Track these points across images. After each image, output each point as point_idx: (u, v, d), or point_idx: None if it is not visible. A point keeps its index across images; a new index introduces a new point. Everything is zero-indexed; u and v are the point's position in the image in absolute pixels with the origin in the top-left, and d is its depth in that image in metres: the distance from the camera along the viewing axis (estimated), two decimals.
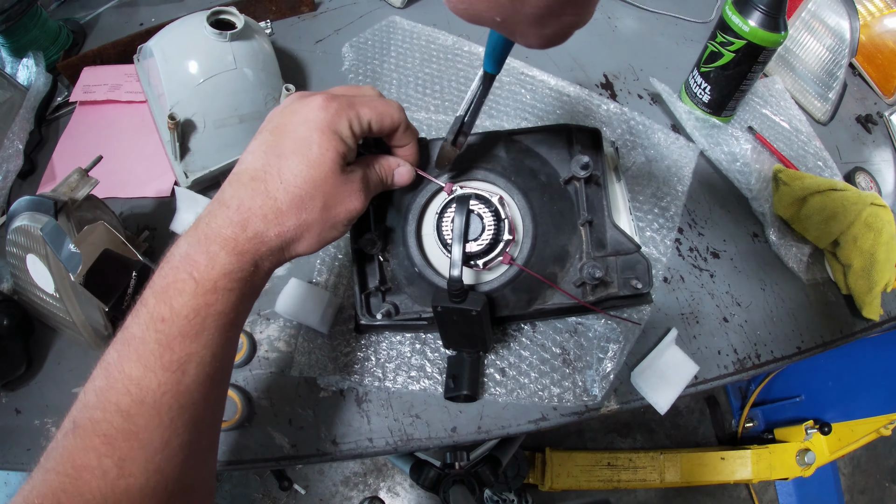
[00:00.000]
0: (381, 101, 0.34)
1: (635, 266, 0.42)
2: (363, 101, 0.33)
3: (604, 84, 0.67)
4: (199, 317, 0.27)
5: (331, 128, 0.30)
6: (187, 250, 0.28)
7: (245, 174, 0.30)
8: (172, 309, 0.27)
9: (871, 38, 0.69)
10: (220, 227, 0.29)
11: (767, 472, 1.19)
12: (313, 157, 0.30)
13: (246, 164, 0.30)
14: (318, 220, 0.31)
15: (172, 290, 0.27)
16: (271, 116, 0.32)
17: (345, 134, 0.31)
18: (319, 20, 0.73)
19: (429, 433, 0.45)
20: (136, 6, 0.76)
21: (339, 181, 0.31)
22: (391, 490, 1.27)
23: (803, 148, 0.63)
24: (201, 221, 0.29)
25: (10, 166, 0.58)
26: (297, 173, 0.29)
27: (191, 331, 0.27)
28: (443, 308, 0.38)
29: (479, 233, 0.39)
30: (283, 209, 0.29)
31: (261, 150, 0.30)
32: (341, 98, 0.32)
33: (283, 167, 0.29)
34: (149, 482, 0.26)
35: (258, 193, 0.29)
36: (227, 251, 0.28)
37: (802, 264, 0.55)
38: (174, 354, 0.27)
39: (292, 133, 0.30)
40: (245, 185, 0.29)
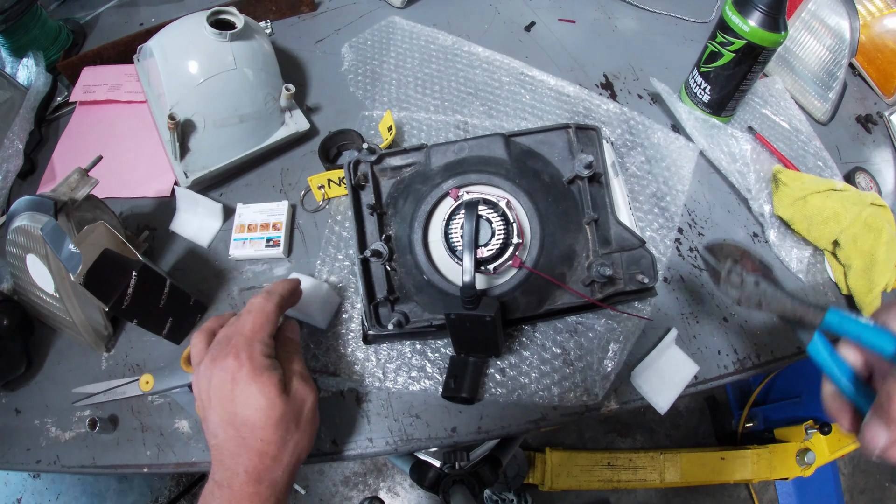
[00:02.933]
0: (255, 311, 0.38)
1: (640, 261, 0.42)
2: (250, 328, 0.37)
3: (604, 84, 0.67)
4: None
5: (256, 374, 0.35)
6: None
7: (229, 444, 0.35)
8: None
9: (871, 38, 0.69)
10: (240, 488, 0.34)
11: (767, 471, 1.18)
12: (268, 406, 0.35)
13: (221, 438, 0.35)
14: (304, 436, 0.38)
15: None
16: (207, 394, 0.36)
17: (267, 365, 0.36)
18: (319, 20, 0.73)
19: (429, 433, 0.45)
20: (136, 6, 0.76)
21: (292, 400, 0.37)
22: (391, 490, 1.27)
23: (803, 148, 0.63)
24: (223, 486, 0.34)
25: (10, 166, 0.58)
26: (266, 426, 0.35)
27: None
28: (456, 315, 0.38)
29: (489, 238, 0.39)
30: (276, 455, 0.35)
31: (226, 422, 0.35)
32: (239, 345, 0.36)
33: (253, 427, 0.35)
34: None
35: (252, 456, 0.35)
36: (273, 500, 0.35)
37: (802, 265, 0.55)
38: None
39: (238, 401, 0.35)
40: (236, 452, 0.35)
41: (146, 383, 0.47)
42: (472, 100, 0.64)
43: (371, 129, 0.61)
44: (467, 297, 0.37)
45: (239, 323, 0.38)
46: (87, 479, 1.28)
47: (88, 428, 0.44)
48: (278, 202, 0.54)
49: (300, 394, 0.38)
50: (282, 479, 0.36)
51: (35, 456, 0.46)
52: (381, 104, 0.63)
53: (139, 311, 0.43)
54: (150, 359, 0.49)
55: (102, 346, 0.49)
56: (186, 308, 0.48)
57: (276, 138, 0.58)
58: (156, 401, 0.47)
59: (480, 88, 0.65)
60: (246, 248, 0.52)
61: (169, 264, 0.53)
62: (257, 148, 0.57)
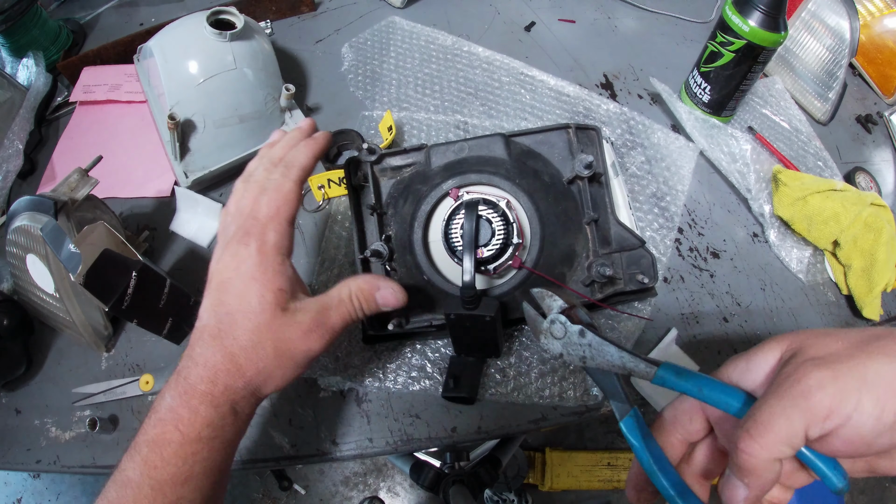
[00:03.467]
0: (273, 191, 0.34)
1: (640, 261, 0.42)
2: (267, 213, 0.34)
3: (604, 84, 0.67)
4: (186, 464, 0.30)
5: (261, 269, 0.32)
6: (171, 403, 0.31)
7: (205, 332, 0.32)
8: (163, 458, 0.30)
9: (871, 38, 0.69)
10: (195, 382, 0.31)
11: None
12: (254, 308, 0.32)
13: (204, 322, 0.33)
14: (276, 364, 0.32)
15: (162, 441, 0.30)
16: (212, 272, 0.34)
17: (276, 264, 0.33)
18: (319, 20, 0.73)
19: (429, 433, 0.45)
20: (136, 6, 0.76)
21: (286, 323, 0.32)
22: (391, 490, 1.27)
23: (803, 148, 0.63)
24: (179, 375, 0.32)
25: (10, 166, 0.58)
26: (245, 327, 0.32)
27: (180, 477, 0.30)
28: (456, 315, 0.38)
29: (489, 238, 0.39)
30: (241, 363, 0.32)
31: (212, 308, 0.33)
32: (252, 231, 0.33)
33: (232, 323, 0.32)
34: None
35: (218, 350, 0.32)
36: (206, 405, 0.31)
37: (802, 265, 0.55)
38: (165, 499, 0.29)
39: (232, 288, 0.32)
40: (207, 343, 0.32)
41: (146, 383, 0.47)
42: (472, 100, 0.64)
43: (371, 129, 0.61)
44: (467, 297, 0.37)
45: (256, 204, 0.34)
46: (87, 480, 1.28)
47: (88, 428, 0.44)
48: None
49: (299, 327, 0.33)
50: (240, 392, 0.32)
51: (35, 456, 0.46)
52: (381, 104, 0.63)
53: (139, 311, 0.43)
54: (151, 359, 0.49)
55: (102, 346, 0.49)
56: (186, 308, 0.48)
57: None
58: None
59: (480, 88, 0.65)
60: None
61: (169, 264, 0.53)
62: (257, 148, 0.57)
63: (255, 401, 0.33)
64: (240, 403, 0.32)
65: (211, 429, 0.31)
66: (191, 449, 0.30)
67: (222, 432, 0.31)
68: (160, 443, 0.30)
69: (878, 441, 0.22)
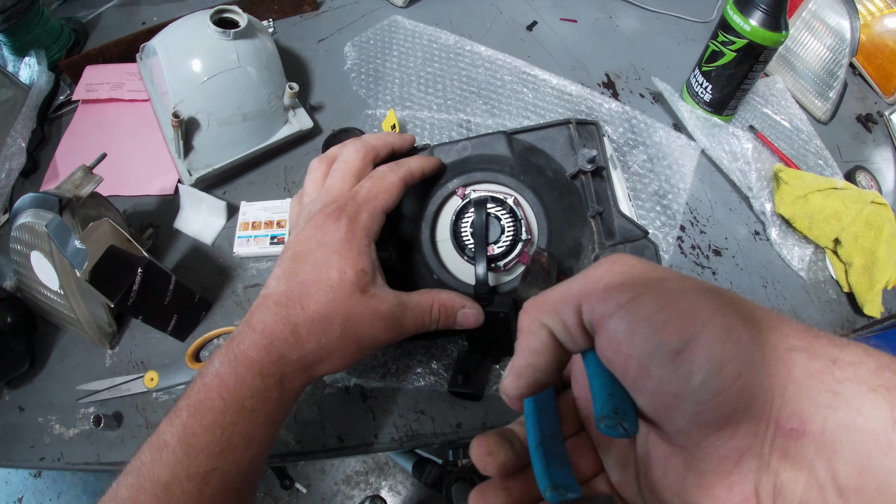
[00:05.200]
0: (378, 180, 0.34)
1: (643, 251, 0.43)
2: (366, 196, 0.33)
3: (606, 83, 0.67)
4: (225, 434, 0.29)
5: (346, 246, 0.31)
6: (218, 369, 0.30)
7: (270, 298, 0.31)
8: (202, 425, 0.29)
9: (872, 38, 0.69)
10: (247, 349, 0.30)
11: None
12: (332, 281, 0.31)
13: (270, 289, 0.32)
14: (339, 344, 0.31)
15: (203, 408, 0.29)
16: (290, 243, 0.33)
17: (363, 246, 0.32)
18: (322, 19, 0.73)
19: (434, 429, 0.45)
20: (139, 5, 0.76)
21: (361, 304, 0.31)
22: (393, 489, 1.28)
23: (804, 147, 0.63)
24: (233, 341, 0.31)
25: (13, 164, 0.58)
26: (317, 298, 0.30)
27: (217, 447, 0.29)
28: None
29: (499, 235, 0.39)
30: (302, 334, 0.30)
31: (284, 276, 0.32)
32: (347, 208, 0.32)
33: (304, 292, 0.31)
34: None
35: (280, 318, 0.30)
36: (254, 373, 0.30)
37: (804, 262, 0.55)
38: (200, 467, 0.28)
39: (311, 258, 0.31)
40: (269, 309, 0.31)
41: (151, 380, 0.47)
42: (474, 99, 0.64)
43: (374, 128, 0.61)
44: (481, 293, 0.37)
45: (350, 184, 0.34)
46: (88, 479, 1.28)
47: (93, 425, 0.44)
48: (282, 200, 0.54)
49: (372, 314, 0.31)
50: (293, 364, 0.30)
51: (39, 453, 0.46)
52: (384, 103, 0.63)
53: (144, 307, 0.43)
54: (155, 356, 0.49)
55: (107, 343, 0.49)
56: (191, 305, 0.48)
57: (279, 136, 0.58)
58: (160, 398, 0.47)
59: (483, 87, 0.65)
60: (250, 245, 0.52)
61: (173, 262, 0.53)
62: (261, 146, 0.57)
63: (305, 378, 0.32)
64: (289, 377, 0.31)
65: (254, 400, 0.30)
66: (231, 419, 0.29)
67: (265, 405, 0.30)
68: (201, 409, 0.29)
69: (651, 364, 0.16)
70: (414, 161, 0.37)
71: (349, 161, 0.36)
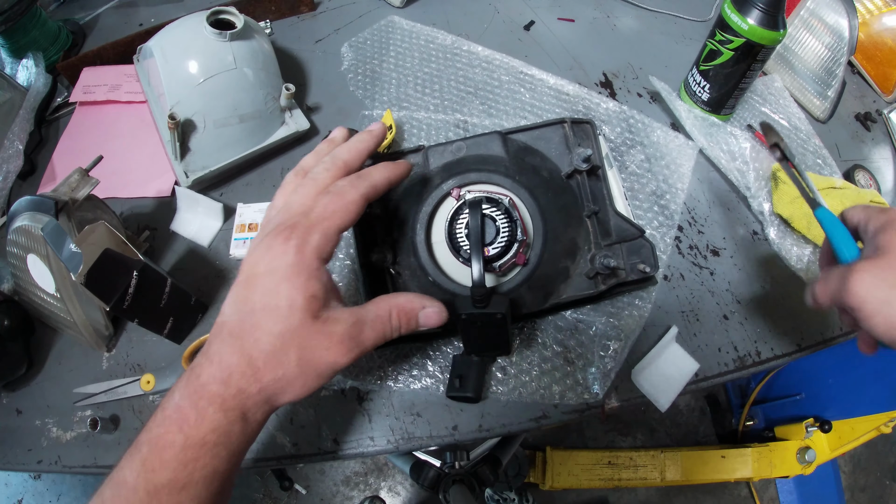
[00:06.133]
0: (336, 196, 0.32)
1: (640, 250, 0.43)
2: (321, 214, 0.31)
3: (603, 83, 0.67)
4: (186, 470, 0.28)
5: (295, 271, 0.30)
6: (179, 402, 0.29)
7: (224, 329, 0.30)
8: (162, 460, 0.28)
9: (870, 36, 0.69)
10: (206, 382, 0.29)
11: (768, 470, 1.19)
12: (281, 311, 0.29)
13: (224, 318, 0.31)
14: (297, 374, 0.30)
15: (163, 443, 0.28)
16: (243, 265, 0.32)
17: (313, 269, 0.30)
18: (319, 20, 0.73)
19: (430, 432, 0.45)
20: (136, 7, 0.76)
21: (314, 331, 0.30)
22: (392, 490, 1.28)
23: (802, 146, 0.63)
24: (192, 373, 0.30)
25: (11, 167, 0.58)
26: (268, 330, 0.29)
27: (178, 483, 0.28)
28: (467, 315, 0.38)
29: (494, 236, 0.39)
30: (258, 366, 0.29)
31: (236, 304, 0.31)
32: (298, 228, 0.31)
33: (255, 323, 0.30)
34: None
35: (236, 350, 0.29)
36: (215, 408, 0.29)
37: (803, 262, 0.55)
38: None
39: (260, 285, 0.30)
40: (225, 340, 0.30)
41: (147, 383, 0.47)
42: (471, 99, 0.64)
43: None
44: (478, 295, 0.37)
45: (311, 202, 0.32)
46: (87, 481, 1.28)
47: (90, 428, 0.44)
48: None
49: (328, 338, 0.30)
50: (251, 398, 0.30)
51: (36, 456, 0.46)
52: (380, 103, 0.63)
53: (140, 310, 0.43)
54: (151, 359, 0.49)
55: (103, 346, 0.49)
56: (187, 308, 0.48)
57: (276, 138, 0.58)
58: (157, 401, 0.47)
59: (480, 87, 0.65)
60: (247, 247, 0.52)
61: (170, 264, 0.53)
62: (258, 147, 0.57)
63: (268, 409, 0.31)
64: (251, 410, 0.30)
65: (216, 434, 0.29)
66: (192, 454, 0.28)
67: (228, 439, 0.29)
68: (161, 444, 0.28)
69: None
70: (378, 172, 0.35)
71: (317, 179, 0.34)
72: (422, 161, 0.45)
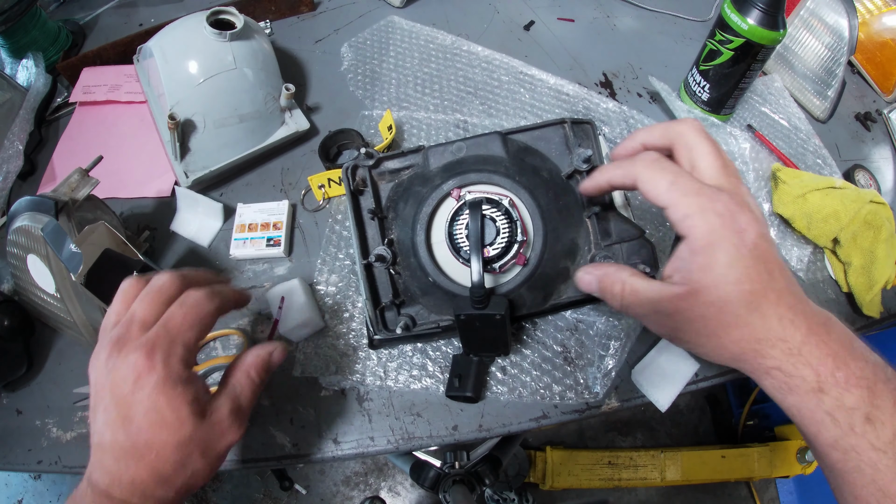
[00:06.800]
0: (191, 308, 0.33)
1: (640, 251, 0.43)
2: (179, 325, 0.32)
3: (603, 83, 0.67)
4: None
5: (169, 384, 0.30)
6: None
7: (116, 448, 0.31)
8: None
9: (870, 36, 0.69)
10: (123, 497, 0.30)
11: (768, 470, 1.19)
12: (171, 423, 0.30)
13: (108, 438, 0.31)
14: (203, 466, 0.32)
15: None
16: (101, 386, 0.31)
17: (184, 377, 0.31)
18: (318, 20, 0.73)
19: (430, 432, 0.45)
20: (136, 7, 0.76)
21: (205, 429, 0.32)
22: (392, 490, 1.28)
23: (802, 146, 0.63)
24: (100, 491, 0.30)
25: (11, 167, 0.58)
26: (164, 443, 0.30)
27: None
28: (466, 316, 0.38)
29: (494, 236, 0.39)
30: (169, 477, 0.31)
31: (115, 426, 0.31)
32: (159, 342, 0.31)
33: (149, 440, 0.30)
34: None
35: (143, 469, 0.30)
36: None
37: (802, 262, 0.55)
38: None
39: (137, 404, 0.30)
40: (125, 461, 0.30)
41: None
42: (471, 99, 0.64)
43: (371, 129, 0.61)
44: (477, 296, 0.37)
45: (167, 314, 0.32)
46: None
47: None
48: (279, 202, 0.54)
49: (220, 427, 0.32)
50: (171, 500, 0.31)
51: (36, 456, 0.46)
52: (380, 103, 0.63)
53: None
54: None
55: None
56: None
57: (276, 138, 0.58)
58: None
59: (480, 87, 0.65)
60: (247, 247, 0.52)
61: (170, 264, 0.53)
62: (257, 147, 0.57)
63: (184, 498, 0.33)
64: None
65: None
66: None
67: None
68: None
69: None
70: (229, 292, 0.36)
71: (163, 288, 0.34)
72: (422, 161, 0.45)
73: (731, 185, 0.31)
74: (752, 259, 0.29)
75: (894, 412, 0.28)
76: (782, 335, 0.29)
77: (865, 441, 0.28)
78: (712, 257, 0.29)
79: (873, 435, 0.28)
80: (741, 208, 0.29)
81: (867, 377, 0.28)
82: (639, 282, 0.33)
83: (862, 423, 0.28)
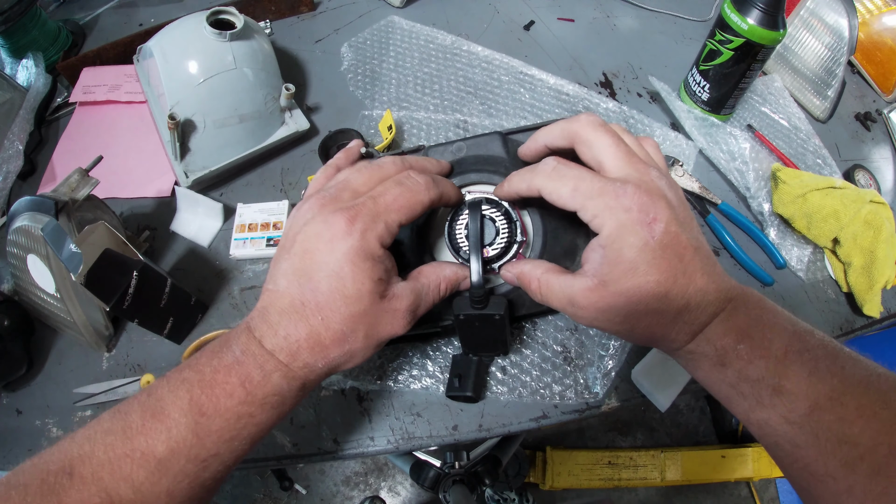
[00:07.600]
0: (406, 190, 0.32)
1: None
2: (389, 203, 0.32)
3: (603, 83, 0.67)
4: (240, 423, 0.28)
5: (361, 255, 0.30)
6: (240, 357, 0.29)
7: (285, 300, 0.30)
8: (217, 407, 0.28)
9: (870, 36, 0.69)
10: (273, 349, 0.30)
11: (768, 469, 1.19)
12: (350, 294, 0.30)
13: (282, 287, 0.31)
14: (362, 347, 0.32)
15: (221, 391, 0.28)
16: (294, 233, 0.31)
17: (377, 254, 0.31)
18: (318, 20, 0.73)
19: (430, 431, 0.45)
20: (136, 7, 0.76)
21: (380, 310, 0.31)
22: (392, 489, 1.28)
23: (802, 146, 0.63)
24: (253, 335, 0.30)
25: (11, 167, 0.58)
26: (338, 311, 0.30)
27: (227, 434, 0.28)
28: (465, 315, 0.38)
29: (493, 237, 0.39)
30: (326, 345, 0.30)
31: (294, 276, 0.30)
32: (364, 212, 0.31)
33: (323, 304, 0.30)
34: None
35: (303, 327, 0.30)
36: (280, 375, 0.30)
37: (802, 262, 0.55)
38: (204, 450, 0.27)
39: (322, 263, 0.30)
40: (288, 314, 0.30)
41: (147, 383, 0.47)
42: (471, 99, 0.64)
43: (371, 129, 0.61)
44: (476, 296, 0.37)
45: (381, 187, 0.32)
46: None
47: None
48: (279, 202, 0.54)
49: (394, 315, 0.32)
50: (315, 371, 0.30)
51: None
52: (380, 103, 0.63)
53: (140, 310, 0.43)
54: (151, 359, 0.49)
55: (103, 346, 0.49)
56: (187, 308, 0.48)
57: (276, 138, 0.58)
58: None
59: (480, 87, 0.65)
60: (247, 247, 0.52)
61: (169, 264, 0.53)
62: (257, 147, 0.57)
63: (327, 376, 0.32)
64: (312, 380, 0.31)
65: (277, 398, 0.29)
66: (249, 410, 0.28)
67: (284, 402, 0.30)
68: (218, 390, 0.28)
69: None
70: (450, 187, 0.36)
71: (385, 166, 0.34)
72: None
73: (639, 173, 0.31)
74: (660, 248, 0.29)
75: (810, 383, 0.27)
76: (688, 318, 0.30)
77: (776, 414, 0.27)
78: (619, 252, 0.29)
79: (784, 408, 0.27)
80: (651, 197, 0.29)
81: (775, 348, 0.28)
82: (553, 277, 0.34)
83: (770, 395, 0.28)
